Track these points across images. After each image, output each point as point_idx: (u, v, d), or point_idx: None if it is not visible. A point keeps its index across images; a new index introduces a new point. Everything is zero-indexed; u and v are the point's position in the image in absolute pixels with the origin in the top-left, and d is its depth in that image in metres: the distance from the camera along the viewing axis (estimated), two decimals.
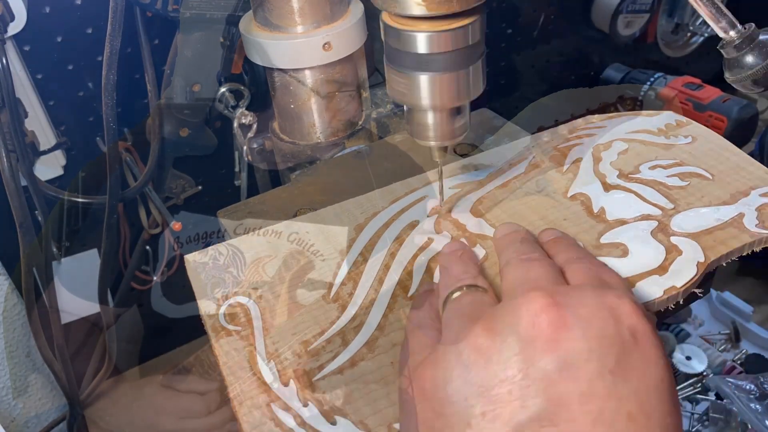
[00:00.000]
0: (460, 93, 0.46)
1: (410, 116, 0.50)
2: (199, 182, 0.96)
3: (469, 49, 0.45)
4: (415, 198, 0.58)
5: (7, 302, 0.84)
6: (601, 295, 0.37)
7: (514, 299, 0.38)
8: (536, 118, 1.25)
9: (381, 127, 0.76)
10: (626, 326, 0.36)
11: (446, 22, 0.43)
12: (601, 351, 0.34)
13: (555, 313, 0.36)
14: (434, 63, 0.44)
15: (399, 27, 0.44)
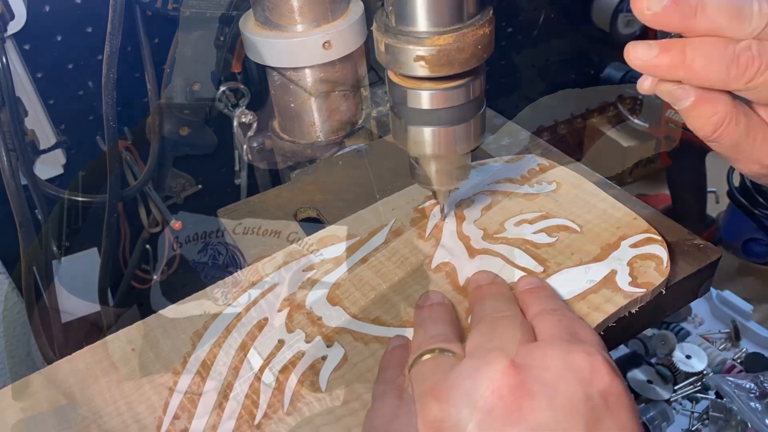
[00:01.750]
0: (462, 143, 0.48)
1: (414, 163, 0.52)
2: (199, 181, 0.96)
3: (470, 103, 0.46)
4: (265, 287, 0.52)
5: (7, 301, 0.84)
6: (568, 353, 0.35)
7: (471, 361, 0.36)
8: (536, 117, 1.25)
9: (381, 126, 0.76)
10: (596, 389, 0.33)
11: (448, 81, 0.45)
12: (569, 421, 0.32)
13: (516, 378, 0.33)
14: (437, 117, 0.46)
15: (403, 84, 0.46)
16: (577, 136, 1.34)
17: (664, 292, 0.48)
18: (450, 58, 0.43)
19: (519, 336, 0.38)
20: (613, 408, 0.33)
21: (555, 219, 0.53)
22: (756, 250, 1.13)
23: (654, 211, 0.57)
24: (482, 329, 0.40)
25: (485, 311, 0.43)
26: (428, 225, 0.55)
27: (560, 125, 1.30)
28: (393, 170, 0.66)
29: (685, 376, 1.03)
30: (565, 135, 1.32)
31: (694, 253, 0.52)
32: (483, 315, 0.42)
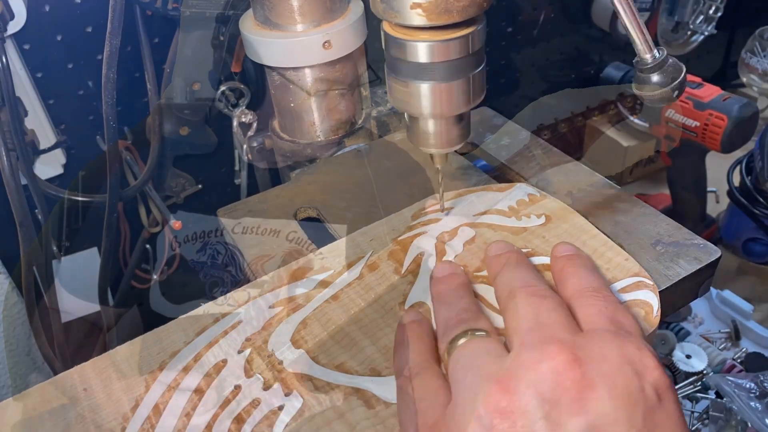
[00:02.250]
0: (461, 101, 0.46)
1: (411, 124, 0.50)
2: (199, 181, 0.96)
3: (469, 57, 0.45)
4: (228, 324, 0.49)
5: (7, 301, 0.84)
6: (622, 347, 0.36)
7: (529, 351, 0.37)
8: (537, 117, 1.26)
9: (381, 125, 0.76)
10: (649, 382, 0.35)
11: (447, 32, 0.43)
12: (627, 411, 0.33)
13: (579, 371, 0.34)
14: (435, 72, 0.44)
15: (400, 36, 0.44)
16: (577, 135, 1.34)
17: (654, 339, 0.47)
18: (448, 5, 0.41)
19: (566, 322, 0.39)
20: (663, 399, 0.35)
21: (541, 257, 0.50)
22: (756, 250, 1.13)
23: (654, 210, 0.57)
24: (521, 309, 0.40)
25: (513, 283, 0.43)
26: (406, 259, 0.52)
27: (560, 125, 1.30)
28: (393, 170, 0.66)
29: (685, 376, 1.03)
30: (565, 134, 1.32)
31: (694, 253, 0.52)
32: (512, 288, 0.42)
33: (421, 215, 0.57)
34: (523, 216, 0.55)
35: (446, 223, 0.55)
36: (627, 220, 0.56)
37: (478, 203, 0.57)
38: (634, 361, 0.35)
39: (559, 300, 0.41)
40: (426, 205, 0.58)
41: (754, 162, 1.07)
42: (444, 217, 0.56)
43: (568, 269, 0.45)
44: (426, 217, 0.56)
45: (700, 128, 1.14)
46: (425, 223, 0.56)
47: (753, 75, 1.29)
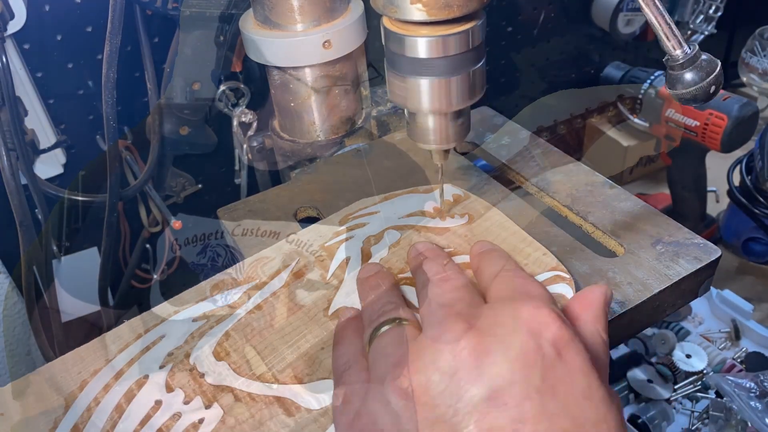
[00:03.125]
0: (461, 97, 0.46)
1: (411, 120, 0.50)
2: (199, 181, 0.96)
3: (469, 52, 0.45)
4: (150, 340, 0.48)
5: (7, 301, 0.84)
6: (517, 310, 0.37)
7: (431, 329, 0.38)
8: (536, 117, 1.26)
9: (381, 125, 0.76)
10: (547, 339, 0.35)
11: (447, 27, 0.43)
12: (524, 372, 0.34)
13: (474, 339, 0.35)
14: (435, 67, 0.44)
15: (399, 32, 0.44)
16: (576, 135, 1.34)
17: None
18: (448, 0, 0.41)
19: (468, 297, 0.40)
20: (564, 354, 0.35)
21: (463, 256, 0.51)
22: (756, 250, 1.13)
23: (654, 210, 0.57)
24: (429, 294, 0.42)
25: (429, 272, 0.44)
26: (332, 265, 0.52)
27: (560, 125, 1.30)
28: (393, 170, 0.66)
29: (685, 376, 1.03)
30: (565, 134, 1.32)
31: (695, 253, 0.52)
32: (424, 279, 0.44)
33: (350, 219, 0.57)
34: (447, 216, 0.56)
35: (373, 227, 0.55)
36: (627, 219, 0.56)
37: (405, 205, 0.58)
38: (530, 321, 0.36)
39: (465, 281, 0.43)
40: (353, 209, 0.58)
41: (754, 161, 1.07)
42: (371, 220, 0.56)
43: (484, 262, 0.46)
44: (353, 221, 0.57)
45: (700, 128, 1.14)
46: (352, 228, 0.56)
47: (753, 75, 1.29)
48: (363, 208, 0.58)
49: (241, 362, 0.46)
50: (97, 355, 0.47)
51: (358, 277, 0.49)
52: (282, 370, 0.45)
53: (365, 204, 0.59)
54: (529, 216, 0.57)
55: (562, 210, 0.59)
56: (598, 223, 0.56)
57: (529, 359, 0.34)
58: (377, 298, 0.45)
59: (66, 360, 0.47)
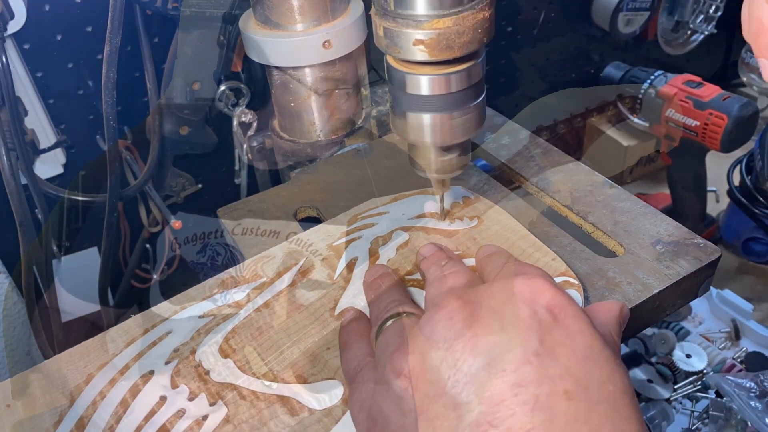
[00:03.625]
0: (462, 130, 0.48)
1: (412, 151, 0.51)
2: (199, 180, 0.96)
3: (470, 89, 0.46)
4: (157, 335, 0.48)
5: (7, 300, 0.84)
6: (510, 282, 0.37)
7: (428, 312, 0.38)
8: (537, 117, 1.26)
9: (381, 125, 0.76)
10: (541, 305, 0.35)
11: (448, 66, 0.44)
12: (521, 337, 0.33)
13: (467, 311, 0.35)
14: (436, 103, 0.46)
15: (403, 70, 0.45)
16: (576, 135, 1.34)
17: None
18: (449, 42, 0.42)
19: (465, 280, 0.41)
20: (560, 318, 0.35)
21: (470, 259, 0.50)
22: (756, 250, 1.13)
23: (654, 210, 0.57)
24: (433, 288, 0.43)
25: (435, 273, 0.44)
26: (339, 265, 0.52)
27: (560, 124, 1.30)
28: (393, 170, 0.66)
29: (685, 375, 1.03)
30: (565, 134, 1.32)
31: (695, 253, 0.52)
32: (433, 277, 0.44)
33: (358, 220, 0.57)
34: (456, 218, 0.56)
35: (381, 227, 0.55)
36: (627, 219, 0.56)
37: (414, 207, 0.58)
38: (523, 290, 0.36)
39: (467, 271, 0.43)
40: (362, 209, 0.58)
41: (754, 161, 1.07)
42: (379, 221, 0.56)
43: (487, 262, 0.46)
44: (362, 222, 0.57)
45: (700, 128, 1.14)
46: (360, 228, 0.56)
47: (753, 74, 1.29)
48: (372, 209, 0.58)
49: (245, 360, 0.46)
50: (104, 349, 0.47)
51: (365, 279, 0.49)
52: (287, 370, 0.45)
53: (374, 204, 0.58)
54: (529, 216, 0.57)
55: (562, 210, 0.59)
56: (598, 223, 0.56)
57: (525, 324, 0.34)
58: (382, 297, 0.45)
59: (72, 353, 0.47)
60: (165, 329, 0.49)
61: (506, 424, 0.31)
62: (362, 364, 0.41)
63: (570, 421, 0.31)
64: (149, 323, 0.49)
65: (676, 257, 0.52)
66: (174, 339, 0.48)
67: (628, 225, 0.56)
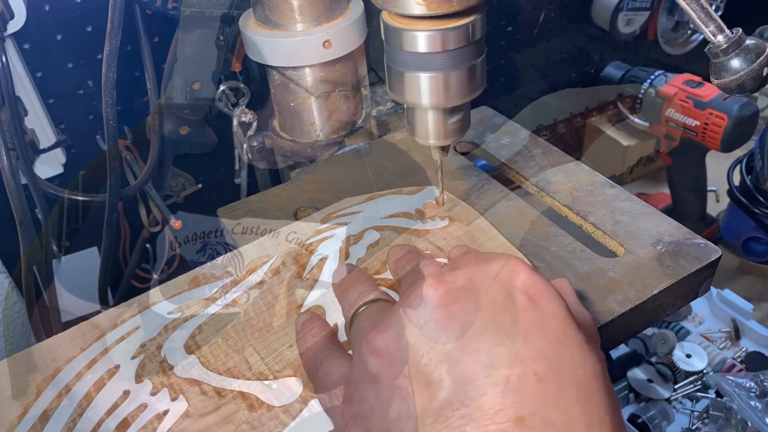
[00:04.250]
0: (461, 91, 0.46)
1: (410, 115, 0.50)
2: (199, 180, 0.96)
3: (469, 47, 0.44)
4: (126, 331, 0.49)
5: (7, 300, 0.84)
6: (486, 265, 0.37)
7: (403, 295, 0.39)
8: (536, 117, 1.26)
9: (381, 125, 0.76)
10: (517, 287, 0.35)
11: (446, 21, 0.43)
12: (495, 317, 0.34)
13: (443, 289, 0.36)
14: (435, 62, 0.44)
15: (399, 26, 0.44)
16: (576, 135, 1.34)
17: None
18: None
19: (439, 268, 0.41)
20: (536, 300, 0.35)
21: (441, 259, 0.51)
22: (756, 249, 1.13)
23: (654, 210, 0.57)
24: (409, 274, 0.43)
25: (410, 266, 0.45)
26: (309, 263, 0.53)
27: (560, 124, 1.30)
28: (393, 170, 0.66)
29: (686, 375, 1.03)
30: (565, 134, 1.32)
31: (695, 252, 0.52)
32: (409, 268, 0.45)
33: (332, 218, 0.57)
34: (428, 218, 0.56)
35: (354, 226, 0.56)
36: (627, 219, 0.56)
37: (388, 206, 0.58)
38: (499, 273, 0.36)
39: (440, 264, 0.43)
40: (336, 208, 0.59)
41: (754, 161, 1.07)
42: (353, 219, 0.56)
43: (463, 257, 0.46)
44: (335, 220, 0.57)
45: (700, 127, 1.14)
46: (333, 227, 0.56)
47: None
48: (346, 207, 0.58)
49: (210, 356, 0.46)
50: (73, 343, 0.48)
51: (333, 278, 0.49)
52: (250, 367, 0.45)
53: (349, 203, 0.59)
54: (529, 216, 0.57)
55: (563, 210, 0.59)
56: (599, 223, 0.56)
57: (499, 306, 0.34)
58: (353, 289, 0.45)
59: (42, 347, 0.48)
60: (133, 324, 0.49)
61: (477, 404, 0.31)
62: (323, 355, 0.42)
63: (540, 402, 0.31)
64: (118, 318, 0.50)
65: (677, 257, 0.52)
66: (142, 334, 0.48)
67: (628, 225, 0.56)
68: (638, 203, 0.58)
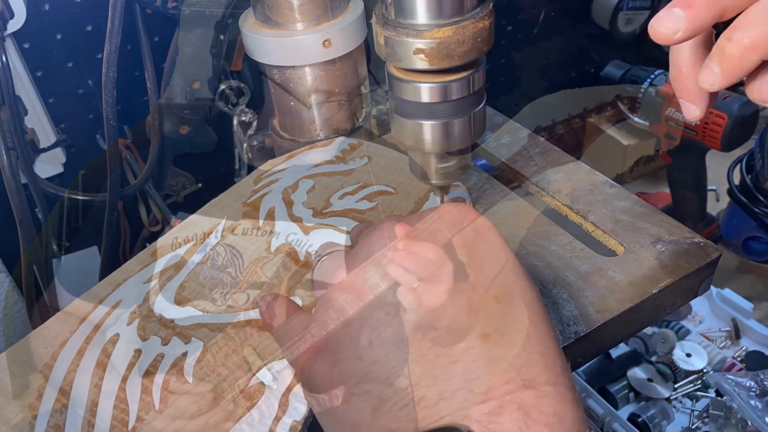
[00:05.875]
0: (463, 137, 0.48)
1: (413, 158, 0.52)
2: (199, 180, 0.96)
3: (470, 97, 0.46)
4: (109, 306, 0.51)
5: (7, 300, 0.84)
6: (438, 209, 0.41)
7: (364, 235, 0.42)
8: (537, 116, 1.26)
9: (381, 124, 0.76)
10: (468, 225, 0.39)
11: (448, 75, 0.44)
12: (453, 252, 0.38)
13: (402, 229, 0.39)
14: (437, 111, 0.46)
15: (403, 78, 0.46)
16: (576, 134, 1.34)
17: None
18: (449, 51, 0.43)
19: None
20: (485, 236, 0.39)
21: (372, 187, 0.59)
22: (756, 249, 1.13)
23: (654, 209, 0.57)
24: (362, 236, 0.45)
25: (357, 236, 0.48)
26: (260, 215, 0.58)
27: (560, 124, 1.30)
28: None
29: (686, 375, 1.03)
30: (565, 133, 1.32)
31: (695, 252, 0.52)
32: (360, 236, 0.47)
33: (263, 179, 0.62)
34: (349, 160, 0.64)
35: (286, 180, 0.62)
36: (627, 218, 0.56)
37: (310, 159, 0.64)
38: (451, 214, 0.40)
39: None
40: (263, 169, 0.64)
41: (754, 160, 1.07)
42: (282, 176, 0.62)
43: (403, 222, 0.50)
44: (266, 180, 0.62)
45: (700, 127, 1.14)
46: (267, 184, 0.61)
47: None
48: (272, 167, 0.64)
49: (204, 303, 0.50)
50: (59, 330, 0.49)
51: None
52: (245, 301, 0.49)
53: (273, 164, 0.64)
54: (529, 215, 0.57)
55: (563, 209, 0.59)
56: (599, 222, 0.56)
57: (457, 242, 0.38)
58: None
59: (27, 341, 0.49)
60: (115, 300, 0.51)
61: (445, 326, 0.35)
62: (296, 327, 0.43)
63: (500, 320, 0.36)
64: (95, 299, 0.52)
65: (677, 256, 0.52)
66: (127, 304, 0.51)
67: (628, 224, 0.56)
68: (638, 202, 0.58)
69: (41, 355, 0.48)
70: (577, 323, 0.48)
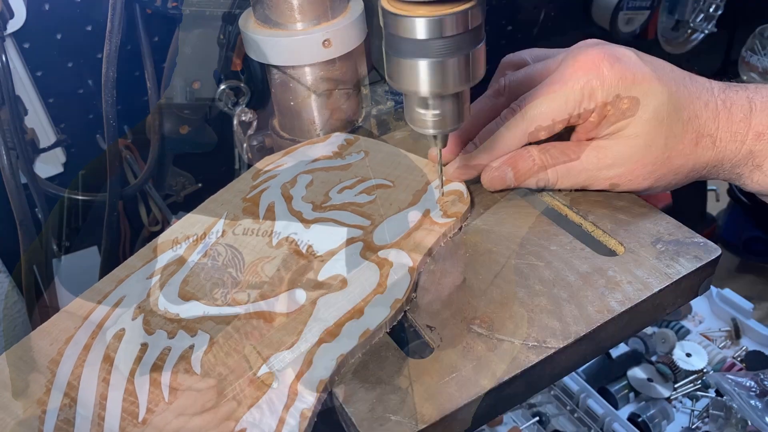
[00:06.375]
0: (461, 78, 0.46)
1: (409, 103, 0.50)
2: (199, 180, 0.96)
3: (469, 33, 0.44)
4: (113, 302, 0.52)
5: (7, 300, 0.84)
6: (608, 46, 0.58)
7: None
8: None
9: (381, 124, 0.76)
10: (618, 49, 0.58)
11: (445, 7, 0.43)
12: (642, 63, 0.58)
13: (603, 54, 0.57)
14: (434, 48, 0.44)
15: (398, 12, 0.44)
16: None
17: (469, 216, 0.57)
18: None
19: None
20: (642, 54, 0.59)
21: (370, 180, 0.60)
22: (756, 249, 1.13)
23: (654, 208, 0.57)
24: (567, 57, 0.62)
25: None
26: (260, 210, 0.58)
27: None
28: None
29: (686, 374, 1.03)
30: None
31: (695, 251, 0.52)
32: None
33: (261, 174, 0.63)
34: (346, 155, 0.64)
35: (284, 175, 0.62)
36: (627, 218, 0.56)
37: (307, 154, 0.65)
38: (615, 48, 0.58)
39: None
40: (261, 165, 0.65)
41: None
42: (280, 172, 0.63)
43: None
44: (264, 175, 0.63)
45: None
46: (265, 180, 0.62)
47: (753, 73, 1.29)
48: (270, 164, 0.65)
49: (209, 297, 0.50)
50: (65, 325, 0.50)
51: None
52: (250, 294, 0.50)
53: (270, 160, 0.65)
54: (529, 215, 0.57)
55: (562, 209, 0.59)
56: (598, 222, 0.56)
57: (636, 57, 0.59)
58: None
59: (33, 337, 0.50)
60: (118, 295, 0.52)
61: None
62: None
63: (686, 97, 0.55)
64: (99, 295, 0.52)
65: (677, 256, 0.52)
66: (131, 300, 0.51)
67: (628, 224, 0.56)
68: (638, 202, 0.58)
69: (47, 351, 0.48)
70: (577, 323, 0.48)
